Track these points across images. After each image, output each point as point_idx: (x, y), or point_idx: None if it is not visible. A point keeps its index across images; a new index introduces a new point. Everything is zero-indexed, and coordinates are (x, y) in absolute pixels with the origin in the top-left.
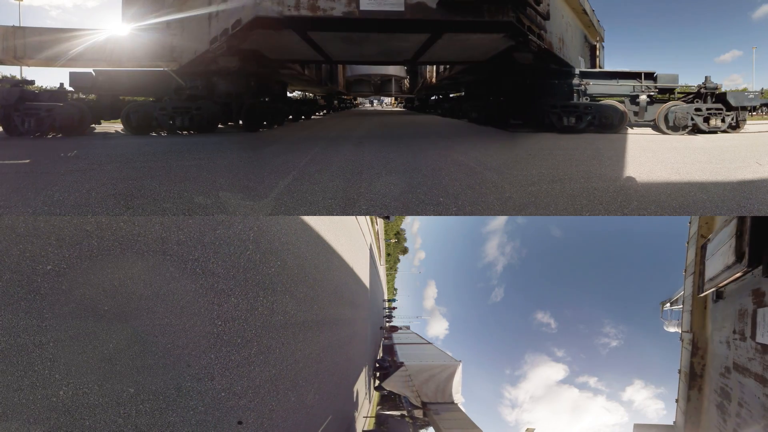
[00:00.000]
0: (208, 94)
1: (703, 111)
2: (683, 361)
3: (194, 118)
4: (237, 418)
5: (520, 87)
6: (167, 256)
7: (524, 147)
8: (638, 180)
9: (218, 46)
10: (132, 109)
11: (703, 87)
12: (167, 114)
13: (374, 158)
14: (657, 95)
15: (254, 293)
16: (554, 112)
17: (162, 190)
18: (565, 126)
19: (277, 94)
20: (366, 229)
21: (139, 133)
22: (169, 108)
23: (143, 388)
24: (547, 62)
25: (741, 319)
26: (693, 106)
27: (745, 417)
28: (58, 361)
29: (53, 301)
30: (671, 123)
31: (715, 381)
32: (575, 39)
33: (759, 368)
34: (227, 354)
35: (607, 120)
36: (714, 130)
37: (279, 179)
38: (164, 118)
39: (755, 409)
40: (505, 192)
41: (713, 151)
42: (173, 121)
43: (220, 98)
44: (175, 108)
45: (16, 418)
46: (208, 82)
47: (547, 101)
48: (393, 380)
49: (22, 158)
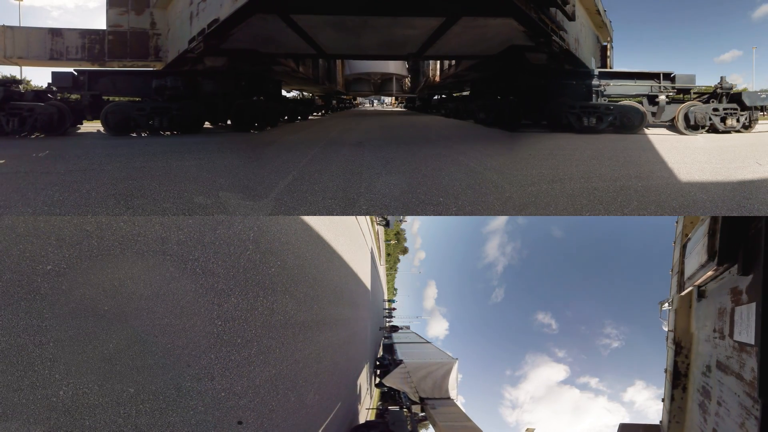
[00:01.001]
0: (191, 94)
1: (720, 111)
2: (668, 360)
3: (174, 119)
4: (237, 418)
5: (534, 87)
6: (167, 256)
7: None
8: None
9: (195, 46)
10: (110, 110)
11: (720, 87)
12: (145, 114)
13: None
14: (675, 95)
15: (254, 293)
16: (573, 113)
17: (162, 190)
18: (585, 126)
19: (272, 93)
20: (366, 229)
21: (118, 134)
22: (148, 108)
23: (143, 388)
24: (562, 63)
25: (720, 317)
26: (711, 106)
27: (723, 416)
28: (58, 361)
29: (53, 301)
30: (691, 123)
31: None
32: (588, 39)
33: (737, 366)
34: (227, 354)
35: (629, 121)
36: (727, 130)
37: (279, 179)
38: (142, 119)
39: (732, 408)
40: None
41: (713, 151)
42: (152, 122)
43: (204, 98)
44: (154, 108)
45: (16, 418)
46: (192, 82)
47: (564, 102)
48: (392, 377)
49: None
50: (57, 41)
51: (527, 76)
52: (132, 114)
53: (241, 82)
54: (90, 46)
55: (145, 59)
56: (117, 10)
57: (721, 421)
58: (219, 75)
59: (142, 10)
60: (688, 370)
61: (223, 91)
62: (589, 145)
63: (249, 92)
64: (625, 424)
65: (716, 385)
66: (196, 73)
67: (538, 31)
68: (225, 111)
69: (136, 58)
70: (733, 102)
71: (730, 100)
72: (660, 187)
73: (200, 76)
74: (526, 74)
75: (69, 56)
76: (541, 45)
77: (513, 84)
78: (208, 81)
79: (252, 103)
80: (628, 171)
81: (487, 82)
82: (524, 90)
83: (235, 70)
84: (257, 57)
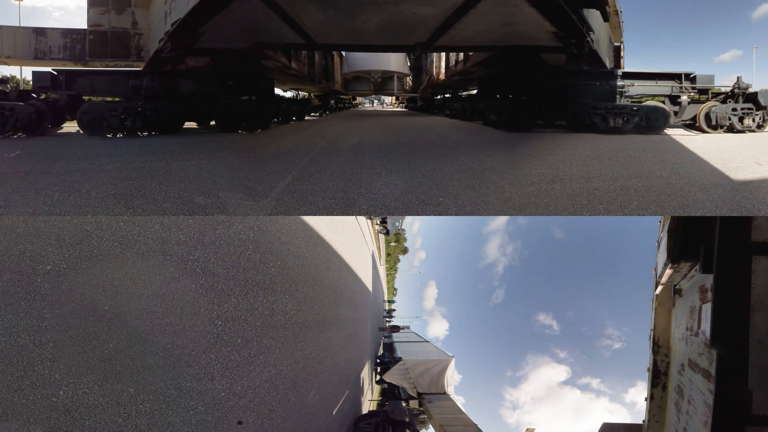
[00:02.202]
0: (168, 95)
1: (738, 111)
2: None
3: (149, 120)
4: (237, 418)
5: (551, 88)
6: (167, 256)
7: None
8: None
9: (163, 46)
10: (83, 110)
11: (737, 87)
12: (117, 115)
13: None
14: (695, 96)
15: (254, 293)
16: (598, 114)
17: (161, 190)
18: (610, 127)
19: (264, 93)
20: (366, 229)
21: (94, 134)
22: (120, 108)
23: (143, 388)
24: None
25: (692, 315)
26: (730, 105)
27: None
28: (58, 361)
29: (53, 301)
30: (713, 122)
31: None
32: (604, 39)
33: (706, 364)
34: (227, 354)
35: (654, 121)
36: (742, 130)
37: (280, 179)
38: (114, 119)
39: (699, 407)
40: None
41: (713, 151)
42: (126, 123)
43: (183, 98)
44: (127, 108)
45: (16, 418)
46: (170, 82)
47: (586, 102)
48: (392, 373)
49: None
50: (41, 41)
51: (544, 77)
52: (104, 114)
53: (227, 82)
54: (71, 45)
55: (126, 59)
56: (97, 9)
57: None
58: (200, 75)
59: (123, 9)
60: (667, 369)
61: (204, 91)
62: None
63: (237, 92)
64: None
65: (688, 384)
66: (176, 73)
67: (575, 32)
68: (207, 111)
69: (117, 58)
70: (748, 102)
71: (745, 100)
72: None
73: (180, 76)
74: (542, 75)
75: (52, 56)
76: (570, 46)
77: (526, 84)
78: (187, 81)
79: (236, 104)
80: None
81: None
82: (540, 90)
83: (221, 70)
84: (243, 55)
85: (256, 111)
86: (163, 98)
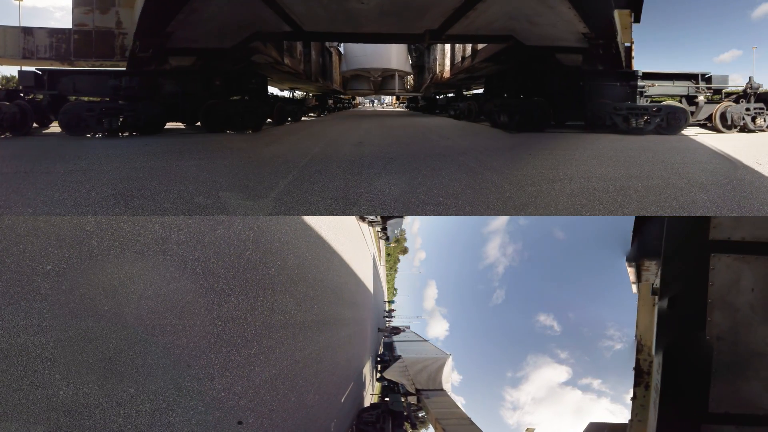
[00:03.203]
0: (149, 95)
1: (751, 111)
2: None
3: (127, 120)
4: (237, 418)
5: (567, 88)
6: (167, 256)
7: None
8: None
9: (133, 46)
10: (63, 110)
11: (749, 87)
12: (95, 115)
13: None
14: (711, 96)
15: (254, 293)
16: (619, 114)
17: (161, 190)
18: (632, 128)
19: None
20: (366, 229)
21: (73, 135)
22: (98, 109)
23: (143, 388)
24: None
25: None
26: (743, 105)
27: None
28: (58, 361)
29: (53, 301)
30: (728, 122)
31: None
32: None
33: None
34: (227, 354)
35: (676, 122)
36: (753, 130)
37: (279, 179)
38: (92, 120)
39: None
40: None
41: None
42: (104, 123)
43: (164, 99)
44: (105, 109)
45: (16, 418)
46: (151, 82)
47: (607, 103)
48: (392, 370)
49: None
50: (28, 40)
51: (559, 77)
52: (82, 114)
53: (214, 81)
54: (57, 45)
55: (111, 59)
56: (82, 9)
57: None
58: (183, 75)
59: (107, 9)
60: (650, 367)
61: (187, 91)
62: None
63: (226, 91)
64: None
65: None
66: (158, 73)
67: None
68: (192, 112)
69: (101, 58)
70: (759, 102)
71: (757, 100)
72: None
73: (162, 76)
74: (557, 74)
75: (39, 55)
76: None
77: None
78: (169, 81)
79: (223, 104)
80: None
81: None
82: (555, 90)
83: (207, 69)
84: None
85: (245, 111)
86: (143, 98)
